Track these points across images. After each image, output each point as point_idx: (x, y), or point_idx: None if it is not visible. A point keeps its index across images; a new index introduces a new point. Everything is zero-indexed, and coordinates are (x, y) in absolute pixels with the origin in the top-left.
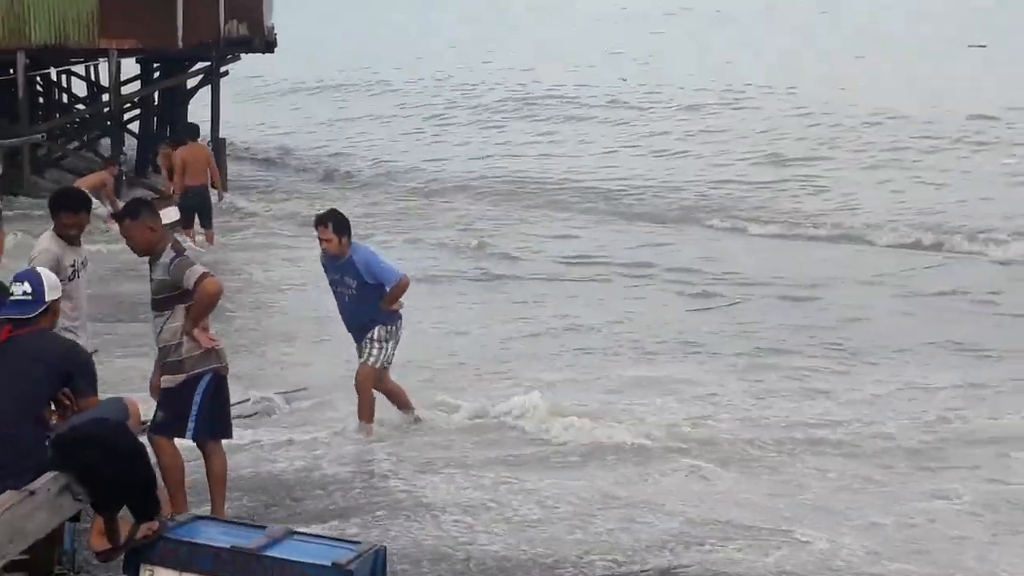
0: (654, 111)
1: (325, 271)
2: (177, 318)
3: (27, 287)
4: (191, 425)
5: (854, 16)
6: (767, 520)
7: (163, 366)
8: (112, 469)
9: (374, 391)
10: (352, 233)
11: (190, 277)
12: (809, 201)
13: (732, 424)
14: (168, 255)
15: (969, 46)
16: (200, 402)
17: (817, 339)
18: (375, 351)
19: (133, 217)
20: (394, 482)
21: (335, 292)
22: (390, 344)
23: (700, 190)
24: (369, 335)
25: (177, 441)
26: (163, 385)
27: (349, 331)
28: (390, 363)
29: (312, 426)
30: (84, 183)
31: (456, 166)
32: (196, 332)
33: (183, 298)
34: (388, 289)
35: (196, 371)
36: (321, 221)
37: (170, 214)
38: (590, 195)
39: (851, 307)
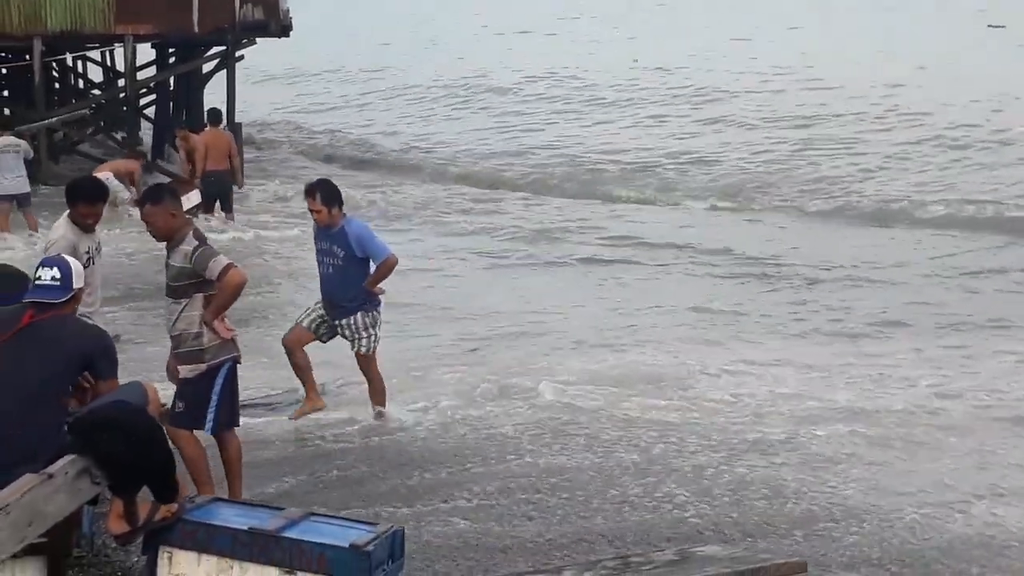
0: (677, 91)
1: (315, 240)
2: (195, 307)
3: (56, 272)
4: (211, 416)
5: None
6: (949, 490)
7: (180, 355)
8: (131, 452)
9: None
10: (343, 203)
11: (214, 268)
12: (856, 178)
13: (859, 398)
14: (190, 243)
15: (989, 26)
16: (220, 392)
17: (907, 317)
18: (365, 340)
19: (155, 202)
20: (540, 448)
21: (320, 262)
22: (376, 329)
23: (745, 167)
24: (352, 323)
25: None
26: (182, 375)
27: (326, 305)
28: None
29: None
30: (112, 167)
31: (501, 146)
32: (216, 322)
33: (202, 287)
34: (376, 265)
35: (216, 361)
36: (309, 192)
37: (192, 198)
38: (633, 173)
39: (922, 285)
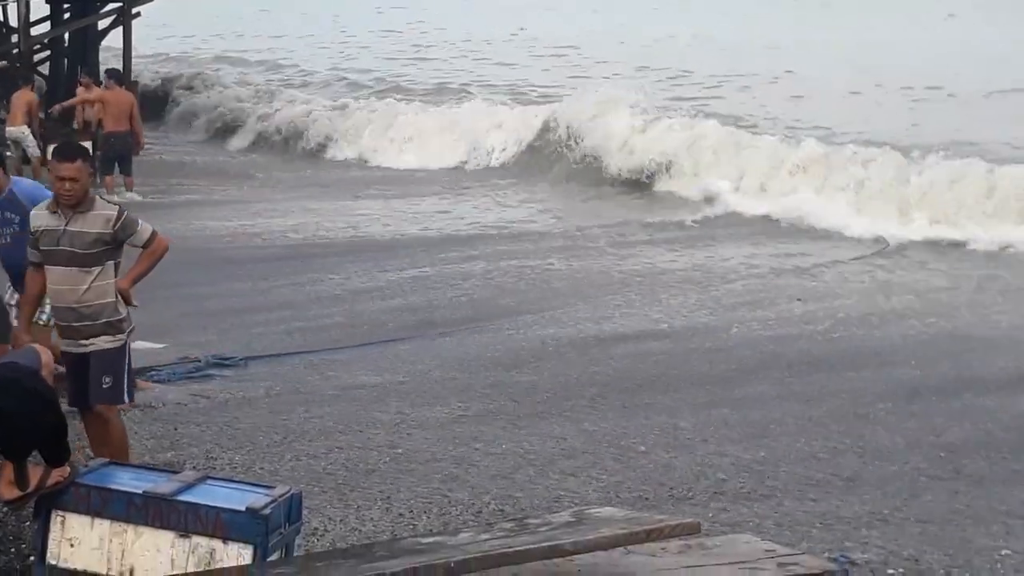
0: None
1: None
2: (108, 275)
3: None
4: (126, 388)
5: None
6: None
7: (95, 327)
8: (23, 414)
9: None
10: (6, 165)
11: (143, 233)
12: None
13: None
14: (108, 207)
15: (949, 15)
16: (129, 363)
17: None
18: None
19: (85, 158)
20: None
21: None
22: None
23: None
24: None
25: None
26: (100, 347)
27: (13, 282)
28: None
29: None
30: (17, 113)
31: None
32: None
33: (114, 254)
34: None
35: (129, 330)
36: None
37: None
38: None
39: None
